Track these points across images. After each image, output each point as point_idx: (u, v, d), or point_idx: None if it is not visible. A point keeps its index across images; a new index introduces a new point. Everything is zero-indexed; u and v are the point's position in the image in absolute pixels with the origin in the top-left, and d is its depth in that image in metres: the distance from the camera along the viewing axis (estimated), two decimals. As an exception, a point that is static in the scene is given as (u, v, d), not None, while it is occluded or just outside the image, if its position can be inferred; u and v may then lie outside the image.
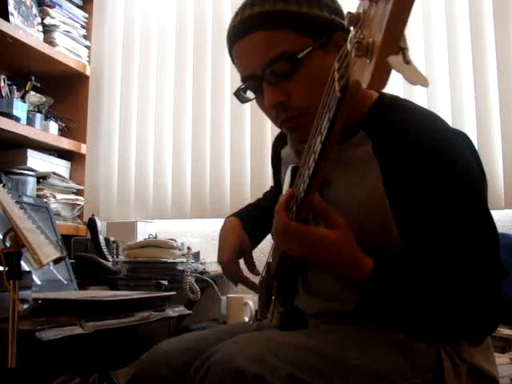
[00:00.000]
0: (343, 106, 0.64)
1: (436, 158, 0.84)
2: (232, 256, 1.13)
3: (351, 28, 0.55)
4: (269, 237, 1.22)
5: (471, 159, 0.88)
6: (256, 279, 1.21)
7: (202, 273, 2.11)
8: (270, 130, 2.31)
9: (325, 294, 0.96)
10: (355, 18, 0.53)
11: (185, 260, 2.02)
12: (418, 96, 2.05)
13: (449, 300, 0.82)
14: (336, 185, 0.93)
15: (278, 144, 1.18)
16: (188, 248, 2.03)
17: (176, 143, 2.46)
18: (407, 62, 0.49)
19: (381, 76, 0.49)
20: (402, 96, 1.00)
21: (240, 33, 0.92)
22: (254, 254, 1.21)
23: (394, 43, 0.48)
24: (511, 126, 1.95)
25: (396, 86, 2.06)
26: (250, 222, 1.20)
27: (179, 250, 2.09)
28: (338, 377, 0.78)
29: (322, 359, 0.80)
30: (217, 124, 2.40)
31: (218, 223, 2.33)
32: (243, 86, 0.97)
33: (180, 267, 2.01)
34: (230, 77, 2.39)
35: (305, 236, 0.82)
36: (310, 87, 0.88)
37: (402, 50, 0.49)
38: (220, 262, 1.15)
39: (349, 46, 0.56)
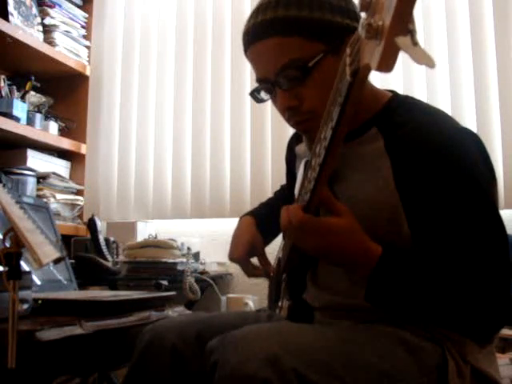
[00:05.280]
0: (353, 91, 0.64)
1: (442, 155, 0.85)
2: (242, 254, 1.15)
3: (363, 13, 0.56)
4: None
5: (478, 157, 0.89)
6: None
7: (202, 273, 2.11)
8: (270, 131, 2.31)
9: (333, 287, 0.97)
10: (366, 4, 0.55)
11: (185, 260, 2.02)
12: (417, 96, 2.04)
13: (457, 292, 0.82)
14: (348, 181, 0.94)
15: (294, 141, 1.20)
16: (188, 248, 2.04)
17: (176, 143, 2.46)
18: (415, 43, 0.50)
19: (389, 57, 0.51)
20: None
21: (253, 37, 0.93)
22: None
23: (403, 24, 0.49)
24: (511, 127, 1.95)
25: (396, 84, 2.07)
26: (264, 221, 1.21)
27: (179, 250, 2.09)
28: (348, 375, 0.79)
29: (334, 358, 0.80)
30: (217, 124, 2.40)
31: (218, 223, 2.39)
32: (259, 87, 0.99)
33: (180, 267, 2.01)
34: (230, 77, 2.39)
35: (317, 228, 0.81)
36: (321, 92, 0.89)
37: (410, 31, 0.50)
38: (230, 259, 1.18)
39: (360, 29, 0.57)
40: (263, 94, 1.00)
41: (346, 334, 0.87)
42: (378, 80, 1.95)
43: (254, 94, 1.00)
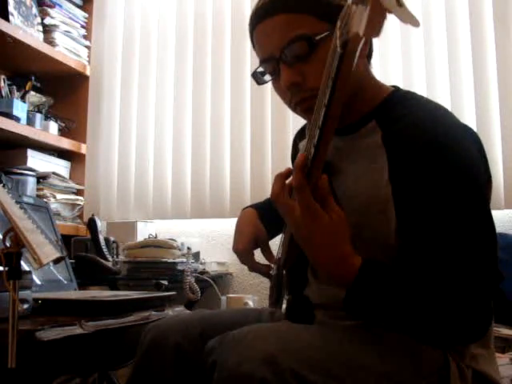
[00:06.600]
0: (345, 63, 0.65)
1: (438, 150, 0.84)
2: (246, 246, 1.13)
3: None
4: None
5: (475, 155, 0.88)
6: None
7: (202, 273, 2.11)
8: (270, 131, 2.31)
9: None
10: None
11: (185, 260, 2.02)
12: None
13: (437, 303, 0.81)
14: (345, 174, 0.94)
15: (298, 137, 1.21)
16: (188, 248, 2.04)
17: (176, 143, 2.46)
18: (400, 4, 0.52)
19: (376, 20, 0.53)
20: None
21: (262, 15, 0.95)
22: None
23: None
24: (511, 127, 1.95)
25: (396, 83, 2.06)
26: (267, 213, 1.20)
27: (179, 250, 2.09)
28: (347, 376, 0.78)
29: (332, 358, 0.79)
30: (217, 124, 2.40)
31: (218, 223, 2.39)
32: (261, 69, 0.99)
33: (180, 267, 2.01)
34: (230, 77, 2.39)
35: (312, 207, 0.79)
36: (324, 71, 0.90)
37: None
38: (235, 251, 1.16)
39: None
40: (266, 77, 1.00)
41: (345, 335, 0.86)
42: (377, 78, 1.95)
43: (256, 76, 1.00)
